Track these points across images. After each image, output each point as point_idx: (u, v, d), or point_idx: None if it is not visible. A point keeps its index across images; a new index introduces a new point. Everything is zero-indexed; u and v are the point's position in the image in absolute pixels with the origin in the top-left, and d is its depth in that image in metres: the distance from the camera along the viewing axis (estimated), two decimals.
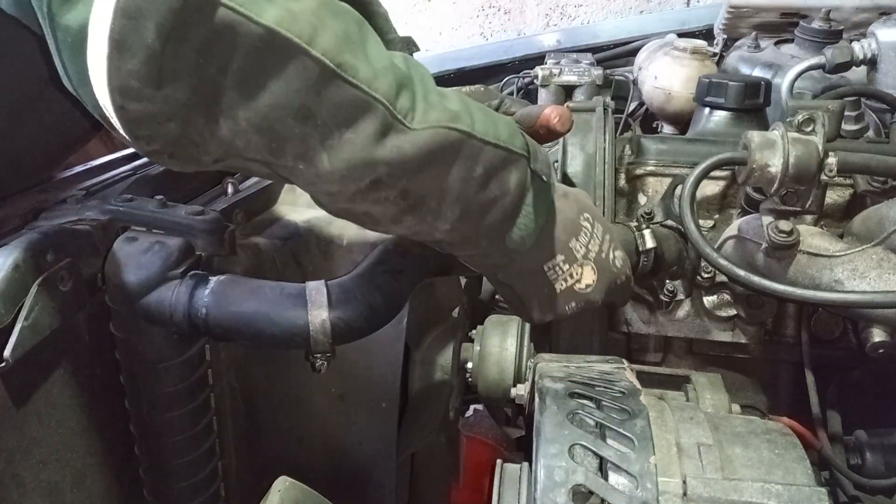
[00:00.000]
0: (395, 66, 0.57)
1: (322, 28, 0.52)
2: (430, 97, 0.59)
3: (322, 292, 0.69)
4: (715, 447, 0.62)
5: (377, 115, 0.54)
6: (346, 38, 0.54)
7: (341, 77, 0.52)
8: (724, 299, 1.03)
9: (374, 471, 0.89)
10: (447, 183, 0.61)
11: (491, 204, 0.64)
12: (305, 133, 0.54)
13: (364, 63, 0.54)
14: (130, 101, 0.49)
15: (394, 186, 0.59)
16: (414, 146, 0.56)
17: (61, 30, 0.47)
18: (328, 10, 0.53)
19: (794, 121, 0.84)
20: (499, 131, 0.63)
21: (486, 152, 0.61)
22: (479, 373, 0.94)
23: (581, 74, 1.68)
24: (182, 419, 0.76)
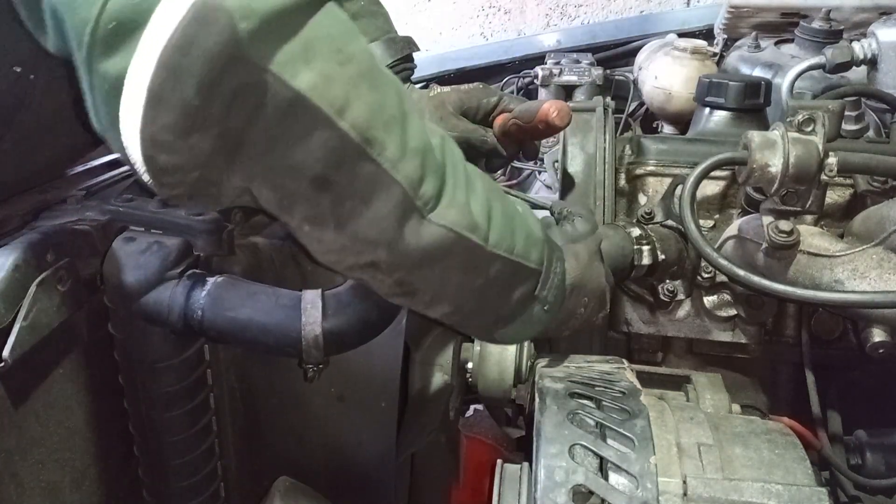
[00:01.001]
0: (427, 151, 0.55)
1: (356, 99, 0.50)
2: (458, 191, 0.57)
3: (317, 305, 0.69)
4: (715, 447, 0.62)
5: (394, 197, 0.53)
6: (381, 111, 0.52)
7: (365, 153, 0.51)
8: (724, 299, 1.03)
9: (374, 471, 0.89)
10: (444, 285, 0.60)
11: (487, 309, 0.65)
12: (318, 199, 0.53)
13: (395, 141, 0.53)
14: (160, 153, 0.48)
15: (390, 274, 0.58)
16: (421, 241, 0.56)
17: (98, 76, 0.46)
18: (368, 79, 0.52)
19: (795, 121, 0.84)
20: (514, 243, 0.62)
21: (494, 265, 0.61)
22: (480, 373, 0.94)
23: (581, 74, 1.68)
24: (181, 419, 0.76)
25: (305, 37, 0.48)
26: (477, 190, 0.59)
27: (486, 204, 0.60)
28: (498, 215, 0.61)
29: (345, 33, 0.52)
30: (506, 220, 0.61)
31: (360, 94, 0.51)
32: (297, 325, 0.68)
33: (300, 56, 0.48)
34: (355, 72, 0.51)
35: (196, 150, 0.49)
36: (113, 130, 0.48)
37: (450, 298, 0.62)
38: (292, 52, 0.47)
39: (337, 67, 0.50)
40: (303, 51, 0.48)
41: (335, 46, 0.50)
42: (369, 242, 0.55)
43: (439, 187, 0.56)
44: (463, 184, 0.58)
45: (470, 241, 0.58)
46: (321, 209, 0.53)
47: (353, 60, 0.51)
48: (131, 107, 0.46)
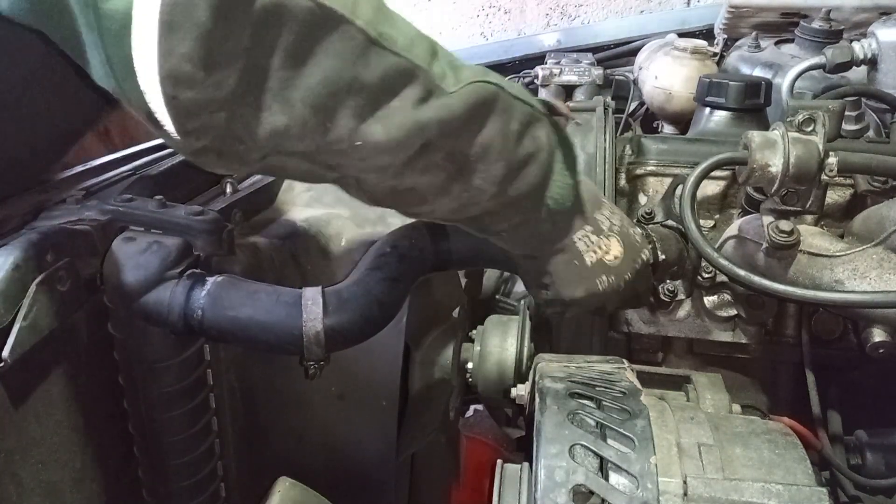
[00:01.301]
0: (422, 35, 0.58)
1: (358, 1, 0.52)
2: (455, 62, 0.60)
3: (318, 302, 0.69)
4: (715, 447, 0.62)
5: (419, 80, 0.56)
6: (380, 9, 0.55)
7: (383, 46, 0.53)
8: (724, 299, 1.03)
9: (374, 471, 0.89)
10: (489, 138, 0.62)
11: (529, 159, 0.65)
12: (357, 104, 0.54)
13: (399, 33, 0.55)
14: (182, 89, 0.47)
15: (441, 148, 0.60)
16: (458, 103, 0.58)
17: (105, 17, 0.45)
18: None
19: (795, 121, 0.84)
20: (520, 91, 0.65)
21: (517, 107, 0.63)
22: (480, 373, 0.94)
23: (581, 74, 1.68)
24: (181, 419, 0.76)
25: None
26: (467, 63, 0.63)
27: (482, 68, 0.63)
28: (495, 75, 0.63)
29: None
30: (508, 83, 0.64)
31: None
32: (298, 323, 0.68)
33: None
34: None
35: (221, 85, 0.48)
36: (128, 79, 0.47)
37: (498, 154, 0.63)
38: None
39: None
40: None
41: None
42: (418, 126, 0.57)
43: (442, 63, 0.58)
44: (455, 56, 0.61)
45: (492, 83, 0.60)
46: (364, 113, 0.54)
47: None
48: (145, 42, 0.45)
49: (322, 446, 0.90)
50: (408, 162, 0.59)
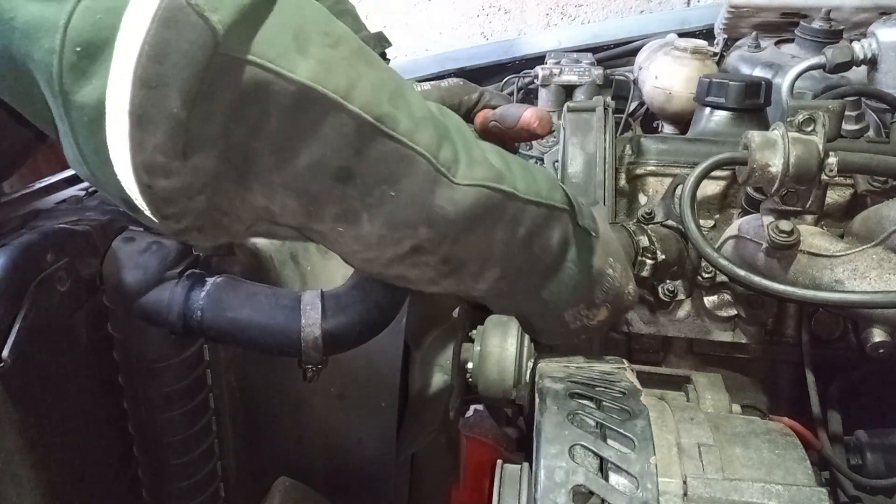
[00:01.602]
0: (434, 116, 0.54)
1: (359, 79, 0.48)
2: (472, 151, 0.56)
3: (317, 306, 0.69)
4: (715, 447, 0.62)
5: (420, 169, 0.51)
6: (384, 87, 0.50)
7: (381, 131, 0.49)
8: (724, 299, 1.03)
9: (374, 471, 0.89)
10: (491, 246, 0.58)
11: (533, 263, 0.63)
12: (345, 194, 0.50)
13: (404, 114, 0.51)
14: (157, 178, 0.45)
15: (435, 252, 0.56)
16: (459, 206, 0.54)
17: (76, 108, 0.42)
18: (363, 57, 0.50)
19: (795, 120, 0.84)
20: (539, 187, 0.60)
21: (529, 211, 0.59)
22: (480, 373, 0.94)
23: (581, 74, 1.68)
24: (180, 419, 0.76)
25: (292, 24, 0.46)
26: (486, 147, 0.58)
27: (500, 156, 0.58)
28: (516, 165, 0.59)
29: (324, 14, 0.50)
30: (524, 168, 0.60)
31: (361, 73, 0.49)
32: (296, 327, 0.68)
33: (293, 46, 0.45)
34: (349, 52, 0.49)
35: (199, 171, 0.46)
36: (103, 167, 0.44)
37: (497, 260, 0.60)
38: (283, 43, 0.45)
39: (331, 51, 0.48)
40: (294, 40, 0.45)
41: (322, 29, 0.48)
42: (407, 224, 0.53)
43: (455, 149, 0.54)
44: (474, 142, 0.57)
45: (502, 191, 0.56)
46: (351, 203, 0.51)
47: (343, 41, 0.49)
48: (117, 133, 0.42)
49: (322, 446, 0.90)
50: (395, 259, 0.56)
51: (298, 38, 0.46)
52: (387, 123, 0.49)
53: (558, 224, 0.63)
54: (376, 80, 0.50)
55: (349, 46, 0.49)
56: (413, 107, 0.52)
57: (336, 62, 0.48)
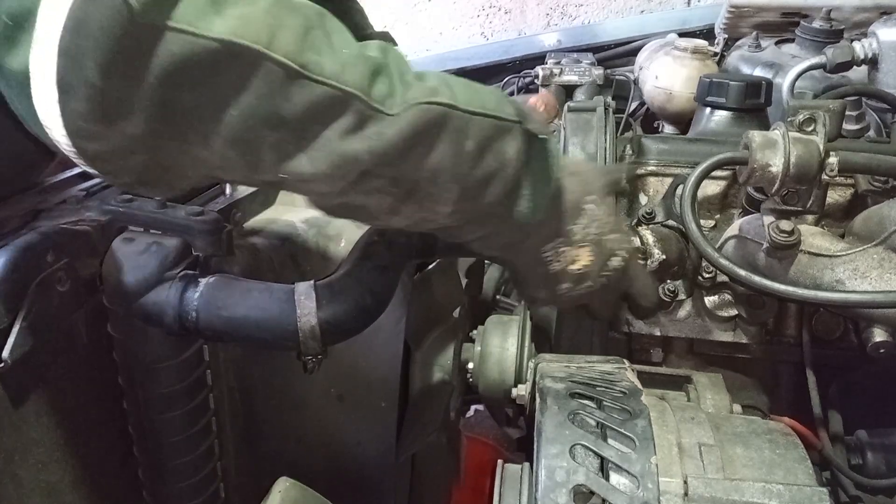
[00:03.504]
0: (365, 55, 0.55)
1: (280, 28, 0.50)
2: (406, 78, 0.57)
3: (311, 296, 0.69)
4: (716, 447, 0.62)
5: (352, 107, 0.53)
6: (307, 33, 0.52)
7: (307, 76, 0.50)
8: (725, 299, 1.03)
9: (374, 471, 0.89)
10: (438, 162, 0.58)
11: (490, 178, 0.62)
12: (280, 139, 0.52)
13: (330, 57, 0.52)
14: (85, 142, 0.47)
15: (382, 175, 0.57)
16: (395, 129, 0.55)
17: (7, 73, 0.46)
18: (284, 7, 0.51)
19: (796, 120, 0.84)
20: (484, 101, 0.60)
21: (474, 123, 0.59)
22: (480, 373, 0.94)
23: (582, 74, 1.68)
24: (180, 419, 0.76)
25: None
26: (427, 74, 0.59)
27: (439, 78, 0.59)
28: (456, 83, 0.60)
29: None
30: (466, 86, 0.61)
31: (283, 22, 0.50)
32: (292, 318, 0.68)
33: (209, 8, 0.47)
34: (268, 4, 0.50)
35: (128, 134, 0.48)
36: (37, 126, 0.47)
37: (449, 176, 0.60)
38: (199, 6, 0.46)
39: (249, 7, 0.49)
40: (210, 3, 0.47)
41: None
42: (348, 159, 0.54)
43: (390, 82, 0.55)
44: (410, 71, 0.58)
45: (439, 103, 0.57)
46: (287, 148, 0.53)
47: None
48: (45, 99, 0.45)
49: (322, 447, 0.90)
50: (347, 188, 0.57)
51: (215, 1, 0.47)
52: (311, 68, 0.51)
53: (511, 136, 0.62)
54: (299, 27, 0.51)
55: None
56: (340, 48, 0.53)
57: (255, 15, 0.49)
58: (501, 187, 0.63)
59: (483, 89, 0.62)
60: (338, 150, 0.54)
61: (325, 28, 0.54)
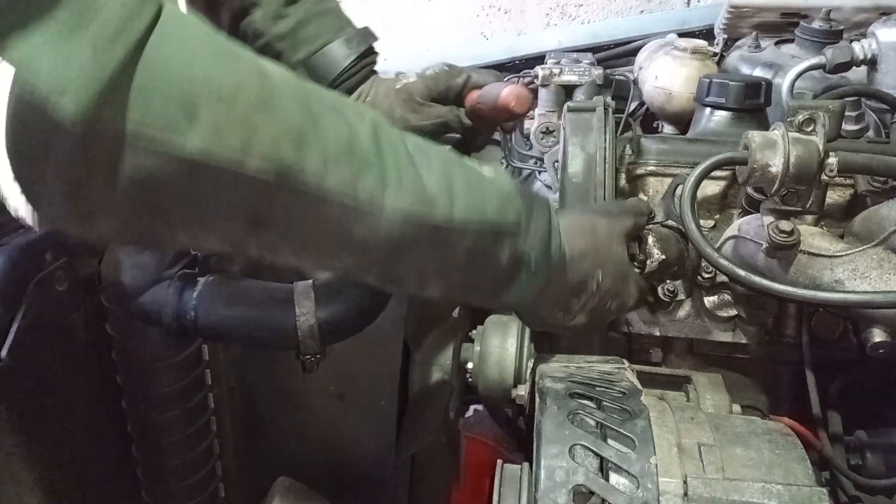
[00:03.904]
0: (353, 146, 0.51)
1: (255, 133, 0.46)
2: (404, 175, 0.53)
3: (309, 296, 0.69)
4: (716, 447, 0.62)
5: (334, 210, 0.50)
6: (286, 134, 0.48)
7: (286, 185, 0.47)
8: (724, 299, 1.03)
9: (374, 470, 0.89)
10: (424, 267, 0.58)
11: (479, 277, 0.61)
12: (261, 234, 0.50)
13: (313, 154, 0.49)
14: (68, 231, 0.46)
15: (365, 274, 0.57)
16: (382, 235, 0.53)
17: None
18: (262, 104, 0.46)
19: (795, 121, 0.84)
20: (485, 205, 0.58)
21: (468, 237, 0.57)
22: (480, 373, 0.94)
23: (581, 74, 1.67)
24: (180, 419, 0.76)
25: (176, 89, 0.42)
26: (431, 164, 0.56)
27: (443, 176, 0.56)
28: (460, 183, 0.57)
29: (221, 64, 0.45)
30: (470, 186, 0.58)
31: (258, 127, 0.46)
32: (291, 318, 0.68)
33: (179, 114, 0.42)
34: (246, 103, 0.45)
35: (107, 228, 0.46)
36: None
37: (436, 278, 0.59)
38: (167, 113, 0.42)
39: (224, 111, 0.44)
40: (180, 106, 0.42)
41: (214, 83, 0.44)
42: (330, 255, 0.53)
43: (382, 175, 0.52)
44: (408, 163, 0.54)
45: (431, 219, 0.54)
46: (270, 239, 0.51)
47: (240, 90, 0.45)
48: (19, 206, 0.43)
49: (322, 446, 0.90)
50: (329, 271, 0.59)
51: (185, 104, 0.43)
52: (290, 175, 0.48)
53: (508, 243, 0.61)
54: (277, 130, 0.47)
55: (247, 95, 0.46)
56: (327, 141, 0.50)
57: (229, 123, 0.45)
58: (490, 283, 0.63)
59: (489, 188, 0.60)
60: (321, 252, 0.53)
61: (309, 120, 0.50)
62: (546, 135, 1.59)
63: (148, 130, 0.41)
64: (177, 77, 0.42)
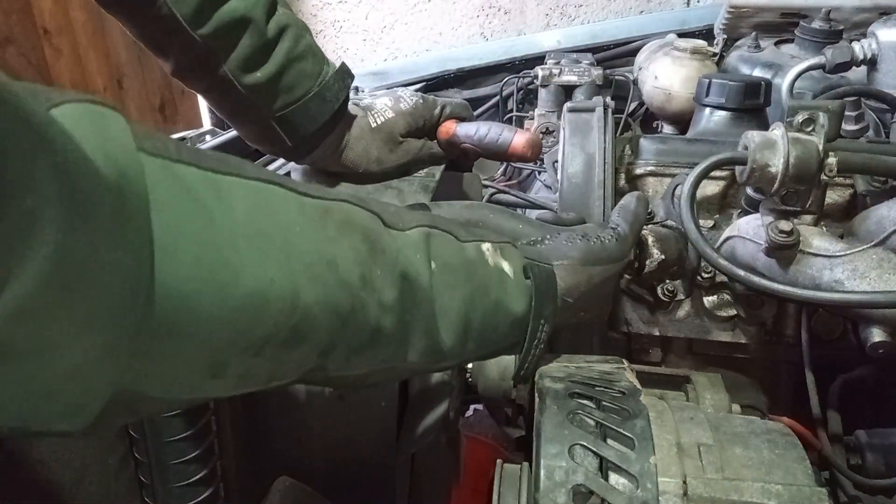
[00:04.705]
0: (378, 337, 0.50)
1: (280, 368, 0.43)
2: (423, 341, 0.55)
3: None
4: (715, 447, 0.62)
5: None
6: (312, 353, 0.45)
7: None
8: (724, 299, 1.03)
9: (374, 471, 0.89)
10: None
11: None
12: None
13: (336, 357, 0.47)
14: None
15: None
16: (393, 377, 0.58)
17: None
18: (295, 335, 0.42)
19: (795, 121, 0.84)
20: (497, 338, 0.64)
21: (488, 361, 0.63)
22: (480, 373, 0.94)
23: (581, 74, 1.68)
24: (180, 419, 0.76)
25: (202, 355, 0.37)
26: (450, 315, 0.56)
27: (461, 329, 0.58)
28: (477, 325, 0.59)
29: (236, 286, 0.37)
30: (484, 325, 0.61)
31: (286, 360, 0.43)
32: None
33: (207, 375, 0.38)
34: (276, 342, 0.41)
35: None
36: None
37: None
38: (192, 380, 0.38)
39: (252, 357, 0.40)
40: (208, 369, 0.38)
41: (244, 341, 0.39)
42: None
43: (399, 348, 0.53)
44: (427, 329, 0.55)
45: (441, 365, 0.60)
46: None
47: (271, 340, 0.40)
48: None
49: (322, 446, 0.90)
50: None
51: (213, 365, 0.38)
52: (313, 374, 0.47)
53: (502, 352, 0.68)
54: (304, 354, 0.45)
55: (278, 337, 0.41)
56: (348, 343, 0.48)
57: (256, 368, 0.42)
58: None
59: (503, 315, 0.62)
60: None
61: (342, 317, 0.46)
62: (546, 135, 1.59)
63: (165, 389, 0.37)
64: (200, 336, 0.36)
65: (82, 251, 0.27)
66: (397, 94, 1.02)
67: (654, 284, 1.04)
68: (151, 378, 0.35)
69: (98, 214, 0.28)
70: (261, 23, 0.84)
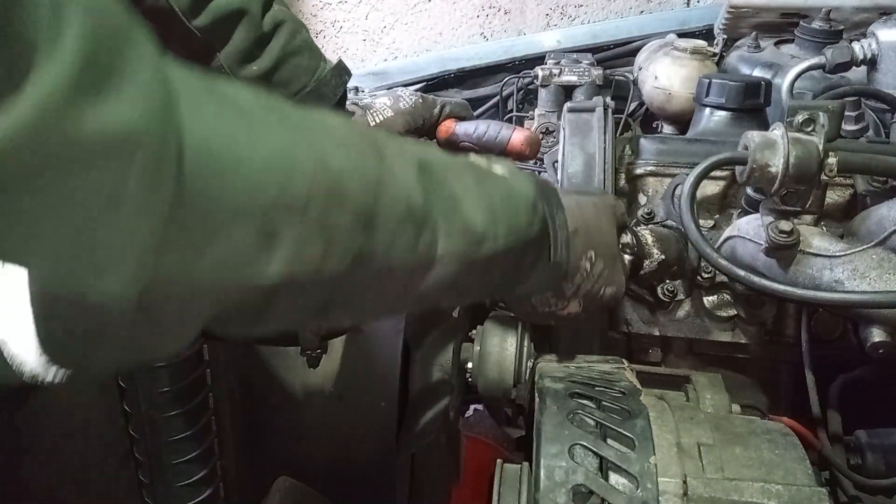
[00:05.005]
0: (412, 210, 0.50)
1: (333, 234, 0.43)
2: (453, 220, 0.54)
3: None
4: (715, 447, 0.62)
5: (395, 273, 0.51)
6: (357, 222, 0.45)
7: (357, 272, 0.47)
8: (724, 299, 1.03)
9: (374, 471, 0.89)
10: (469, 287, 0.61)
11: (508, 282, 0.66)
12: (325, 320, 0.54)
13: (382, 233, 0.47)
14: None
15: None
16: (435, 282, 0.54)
17: None
18: (333, 195, 0.43)
19: (795, 121, 0.84)
20: (520, 223, 0.61)
21: (509, 256, 0.60)
22: (480, 373, 0.94)
23: (581, 74, 1.68)
24: (180, 419, 0.76)
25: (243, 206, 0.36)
26: (471, 192, 0.56)
27: (486, 208, 0.57)
28: (499, 208, 0.58)
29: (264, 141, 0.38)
30: (506, 207, 0.60)
31: (334, 225, 0.43)
32: None
33: (259, 242, 0.38)
34: (318, 203, 0.41)
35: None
36: None
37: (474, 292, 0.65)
38: (242, 246, 0.37)
39: (299, 220, 0.40)
40: (258, 233, 0.38)
41: (284, 190, 0.39)
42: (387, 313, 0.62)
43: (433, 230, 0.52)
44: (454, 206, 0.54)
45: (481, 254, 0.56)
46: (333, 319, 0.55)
47: (311, 187, 0.41)
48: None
49: (322, 446, 0.90)
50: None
51: (262, 231, 0.38)
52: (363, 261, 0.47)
53: (533, 249, 0.64)
54: (349, 221, 0.44)
55: (318, 197, 0.41)
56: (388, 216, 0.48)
57: (308, 234, 0.42)
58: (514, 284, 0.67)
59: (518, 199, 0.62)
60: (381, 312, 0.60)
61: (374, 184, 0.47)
62: (546, 135, 1.59)
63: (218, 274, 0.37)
64: (239, 199, 0.36)
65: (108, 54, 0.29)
66: (397, 93, 1.02)
67: (654, 284, 1.04)
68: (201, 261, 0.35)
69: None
70: (256, 16, 0.85)
